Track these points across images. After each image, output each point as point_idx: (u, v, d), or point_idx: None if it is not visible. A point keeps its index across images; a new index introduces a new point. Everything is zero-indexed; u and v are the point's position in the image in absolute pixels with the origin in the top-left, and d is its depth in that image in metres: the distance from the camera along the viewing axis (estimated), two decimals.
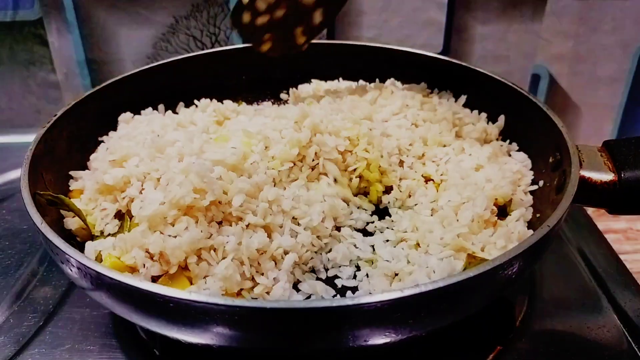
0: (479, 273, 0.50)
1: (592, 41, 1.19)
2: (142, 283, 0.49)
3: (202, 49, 1.19)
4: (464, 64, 0.89)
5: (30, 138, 0.70)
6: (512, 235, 0.66)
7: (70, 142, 0.77)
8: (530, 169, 0.77)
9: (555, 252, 0.82)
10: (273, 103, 0.98)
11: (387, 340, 0.52)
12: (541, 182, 0.73)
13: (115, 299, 0.53)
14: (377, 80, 0.95)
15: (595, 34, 1.19)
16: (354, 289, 0.64)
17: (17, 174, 0.66)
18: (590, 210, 0.92)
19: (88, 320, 0.69)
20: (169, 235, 0.60)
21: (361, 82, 0.95)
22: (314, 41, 1.15)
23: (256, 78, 0.97)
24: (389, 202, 0.76)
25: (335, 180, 0.74)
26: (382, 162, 0.76)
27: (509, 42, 1.20)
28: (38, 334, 0.68)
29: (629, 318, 0.71)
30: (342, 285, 0.65)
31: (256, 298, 0.61)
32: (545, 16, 1.17)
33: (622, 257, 0.83)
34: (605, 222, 0.93)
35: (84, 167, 0.77)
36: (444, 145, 0.80)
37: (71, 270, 0.55)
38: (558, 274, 0.79)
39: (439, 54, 0.98)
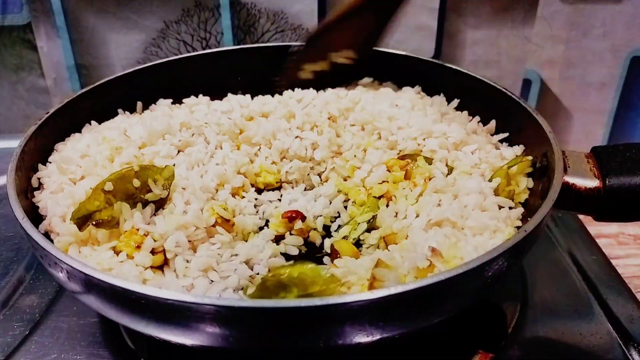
0: (450, 277, 0.49)
1: (582, 46, 1.20)
2: (130, 284, 0.49)
3: None
4: (455, 67, 0.89)
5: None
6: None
7: (62, 141, 0.77)
8: None
9: (546, 257, 0.82)
10: None
11: (360, 341, 0.51)
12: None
13: (100, 298, 0.53)
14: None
15: (585, 38, 1.19)
16: None
17: (5, 181, 0.65)
18: (581, 215, 0.92)
19: (75, 329, 0.68)
20: None
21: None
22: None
23: (251, 79, 0.96)
24: None
25: None
26: None
27: (499, 47, 1.21)
28: (24, 343, 0.67)
29: (621, 324, 0.71)
30: None
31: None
32: (536, 21, 1.17)
33: (613, 261, 0.83)
34: (596, 226, 0.93)
35: None
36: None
37: (49, 265, 0.55)
38: (550, 280, 0.78)
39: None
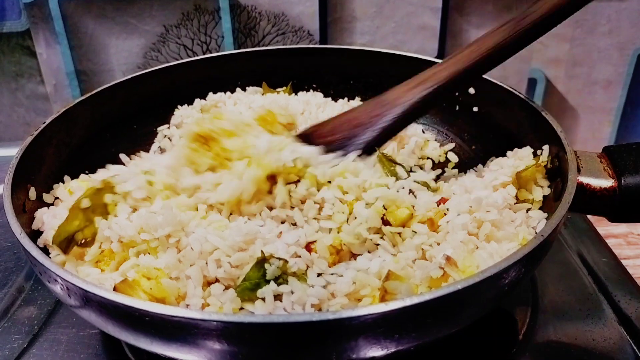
0: (466, 286, 0.48)
1: (588, 44, 1.18)
2: (133, 301, 0.48)
3: None
4: None
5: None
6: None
7: (60, 151, 0.75)
8: None
9: (556, 259, 0.81)
10: None
11: (374, 355, 0.50)
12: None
13: (101, 315, 0.51)
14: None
15: (591, 36, 1.18)
16: None
17: (1, 190, 0.63)
18: (589, 215, 0.91)
19: (74, 341, 0.67)
20: None
21: None
22: (309, 46, 1.15)
23: (252, 84, 0.95)
24: None
25: None
26: None
27: None
28: (22, 356, 0.65)
29: (633, 326, 0.69)
30: None
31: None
32: None
33: (623, 262, 0.82)
34: (605, 227, 0.92)
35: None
36: None
37: (49, 282, 0.54)
38: (560, 283, 0.77)
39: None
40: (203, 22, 1.16)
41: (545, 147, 0.71)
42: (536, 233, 0.61)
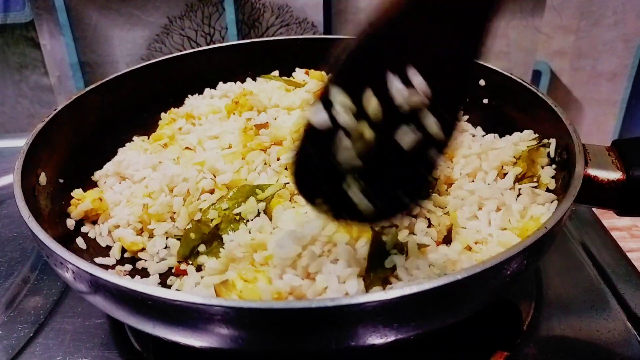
0: (467, 276, 0.48)
1: (593, 36, 1.18)
2: (136, 285, 0.48)
3: None
4: None
5: (23, 142, 0.68)
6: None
7: (71, 137, 0.76)
8: None
9: (560, 251, 0.81)
10: None
11: (373, 342, 0.50)
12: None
13: (106, 299, 0.52)
14: None
15: (596, 28, 1.17)
16: None
17: (10, 180, 0.64)
18: (596, 208, 0.90)
19: (80, 331, 0.67)
20: None
21: None
22: (317, 36, 1.14)
23: (261, 73, 0.96)
24: None
25: None
26: None
27: (508, 38, 1.19)
28: (28, 345, 0.66)
29: (638, 319, 0.69)
30: None
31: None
32: (546, 11, 1.15)
33: (627, 254, 0.81)
34: (609, 219, 0.91)
35: (82, 167, 0.76)
36: None
37: (55, 265, 0.54)
38: (565, 275, 0.77)
39: None
40: (207, 13, 1.16)
41: (553, 140, 0.71)
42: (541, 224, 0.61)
